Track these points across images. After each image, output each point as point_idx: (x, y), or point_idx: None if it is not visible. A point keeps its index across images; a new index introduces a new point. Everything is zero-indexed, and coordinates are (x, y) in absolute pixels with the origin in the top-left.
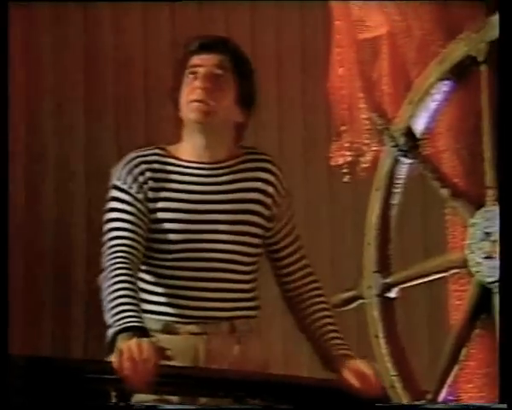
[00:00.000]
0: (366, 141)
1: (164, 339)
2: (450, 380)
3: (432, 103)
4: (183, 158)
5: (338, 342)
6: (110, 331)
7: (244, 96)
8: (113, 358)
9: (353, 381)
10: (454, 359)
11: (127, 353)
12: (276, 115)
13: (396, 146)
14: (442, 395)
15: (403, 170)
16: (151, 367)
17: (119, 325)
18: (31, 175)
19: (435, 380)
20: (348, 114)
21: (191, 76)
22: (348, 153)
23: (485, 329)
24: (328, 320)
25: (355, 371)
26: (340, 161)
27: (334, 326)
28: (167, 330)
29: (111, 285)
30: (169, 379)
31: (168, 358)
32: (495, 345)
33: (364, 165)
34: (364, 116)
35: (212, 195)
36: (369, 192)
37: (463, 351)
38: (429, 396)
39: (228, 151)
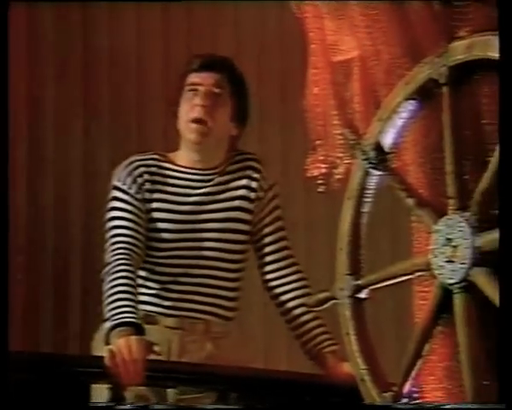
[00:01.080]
0: (339, 154)
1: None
2: (414, 373)
3: (399, 121)
4: (179, 164)
5: (325, 337)
6: (106, 325)
7: (239, 113)
8: (105, 357)
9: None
10: (418, 354)
11: (118, 353)
12: (257, 130)
13: (366, 159)
14: (407, 387)
15: (373, 181)
16: (140, 366)
17: (115, 319)
18: (31, 173)
19: (401, 373)
20: (323, 129)
21: (191, 93)
22: (323, 165)
23: (446, 326)
24: (313, 314)
25: (343, 372)
26: (316, 172)
27: (319, 320)
28: (147, 320)
29: (111, 281)
30: (154, 373)
31: (156, 353)
32: (455, 341)
33: (338, 176)
34: (338, 132)
35: (203, 196)
36: (342, 201)
37: (426, 346)
38: (395, 388)
39: (221, 159)
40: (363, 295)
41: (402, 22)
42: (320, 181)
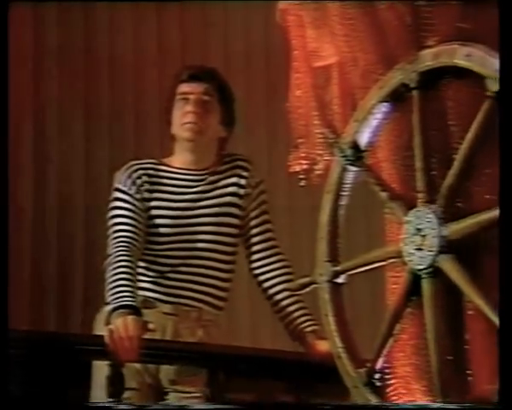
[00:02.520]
0: (319, 152)
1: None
2: (386, 350)
3: (373, 121)
4: (174, 166)
5: (307, 318)
6: (107, 308)
7: (226, 117)
8: (105, 335)
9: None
10: (389, 333)
11: (116, 331)
12: (245, 130)
13: (344, 157)
14: (379, 363)
15: (350, 177)
16: (135, 342)
17: (115, 303)
18: (34, 165)
19: (374, 351)
20: (305, 129)
21: (182, 101)
22: (304, 162)
23: (415, 308)
24: (295, 298)
25: (324, 351)
26: (298, 168)
27: (301, 303)
28: (145, 305)
29: (113, 269)
30: (150, 351)
31: (151, 330)
32: (423, 321)
33: (318, 172)
34: (318, 131)
35: (197, 194)
36: (322, 195)
37: (397, 326)
38: (369, 364)
39: (212, 160)
40: (340, 280)
41: (377, 32)
42: (302, 176)
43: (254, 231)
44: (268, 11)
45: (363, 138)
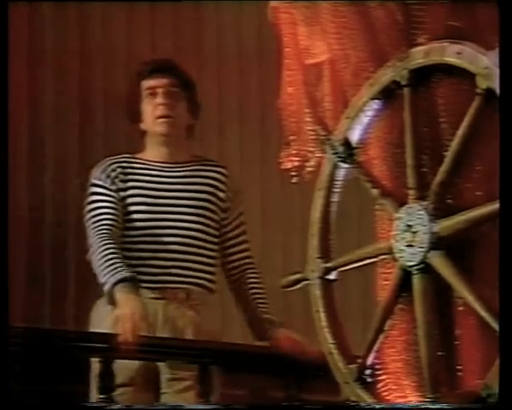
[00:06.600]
0: (311, 149)
1: None
2: (376, 346)
3: (365, 119)
4: (148, 159)
5: (264, 309)
6: (106, 287)
7: (192, 105)
8: (111, 324)
9: (285, 345)
10: (380, 329)
11: (122, 311)
12: (238, 128)
13: (336, 154)
14: (370, 359)
15: (341, 173)
16: (141, 323)
17: (114, 277)
18: (29, 166)
19: (365, 346)
20: (296, 126)
21: (150, 96)
22: (296, 159)
23: (406, 304)
24: (258, 291)
25: (285, 338)
26: (289, 165)
27: (261, 293)
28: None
29: (100, 252)
30: (142, 347)
31: (151, 325)
32: (413, 317)
33: (309, 169)
34: (310, 128)
35: (172, 185)
36: (313, 192)
37: (388, 322)
38: (360, 360)
39: (185, 154)
40: (332, 276)
41: (368, 30)
42: (293, 173)
43: (231, 242)
44: (260, 9)
45: (355, 135)
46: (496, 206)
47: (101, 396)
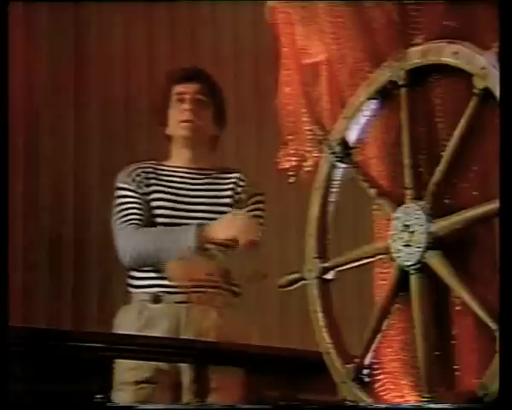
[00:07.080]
0: (308, 149)
1: (152, 308)
2: (374, 346)
3: (362, 118)
4: (171, 165)
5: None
6: (189, 244)
7: (218, 116)
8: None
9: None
10: (377, 328)
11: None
12: (235, 127)
13: (333, 153)
14: (367, 359)
15: (338, 173)
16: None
17: (188, 232)
18: (27, 164)
19: (362, 346)
20: (294, 126)
21: (178, 102)
22: (293, 158)
23: (403, 304)
24: None
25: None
26: (287, 165)
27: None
28: (155, 300)
29: (155, 239)
30: (151, 348)
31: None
32: (410, 316)
33: (307, 169)
34: (307, 128)
35: (195, 191)
36: (311, 191)
37: (385, 322)
38: (357, 360)
39: (207, 160)
40: (329, 276)
41: (365, 29)
42: (291, 173)
43: None
44: (257, 9)
45: (352, 135)
46: (493, 206)
47: (101, 396)
